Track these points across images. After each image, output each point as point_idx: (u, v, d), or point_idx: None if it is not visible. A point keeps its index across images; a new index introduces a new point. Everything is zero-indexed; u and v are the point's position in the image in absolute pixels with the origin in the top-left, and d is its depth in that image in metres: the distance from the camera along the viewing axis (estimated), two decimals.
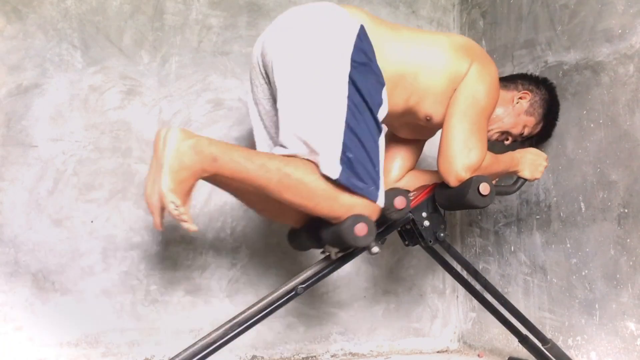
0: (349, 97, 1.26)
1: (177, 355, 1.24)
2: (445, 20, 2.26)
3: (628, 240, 1.52)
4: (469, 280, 1.63)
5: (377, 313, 2.08)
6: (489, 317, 1.64)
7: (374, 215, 1.30)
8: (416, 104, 1.45)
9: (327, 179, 1.24)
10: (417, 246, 1.57)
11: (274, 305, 1.33)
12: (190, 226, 1.18)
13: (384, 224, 1.41)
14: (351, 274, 2.06)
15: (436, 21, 2.25)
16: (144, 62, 1.88)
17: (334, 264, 1.41)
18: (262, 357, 1.92)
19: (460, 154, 1.40)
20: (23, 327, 1.70)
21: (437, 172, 1.50)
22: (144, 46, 1.88)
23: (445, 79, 1.43)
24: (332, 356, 2.00)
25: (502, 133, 1.68)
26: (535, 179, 1.60)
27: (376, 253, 1.32)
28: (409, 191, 1.65)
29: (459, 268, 1.64)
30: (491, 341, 2.01)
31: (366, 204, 1.27)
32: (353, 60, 1.27)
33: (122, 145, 1.83)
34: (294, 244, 1.53)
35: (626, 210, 1.53)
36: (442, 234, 1.50)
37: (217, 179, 1.25)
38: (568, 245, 1.71)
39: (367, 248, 1.31)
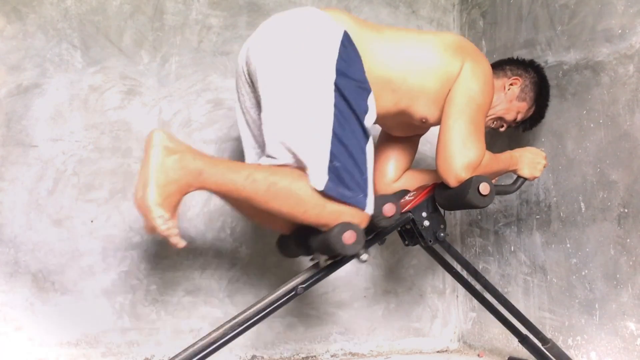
0: (335, 105, 1.25)
1: (177, 355, 1.24)
2: (445, 20, 2.26)
3: (628, 240, 1.52)
4: (469, 280, 1.63)
5: (377, 313, 2.08)
6: (489, 317, 1.64)
7: (363, 223, 1.29)
8: (408, 106, 1.45)
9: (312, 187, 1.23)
10: (417, 246, 1.57)
11: (274, 305, 1.33)
12: (179, 242, 1.17)
13: (374, 231, 1.40)
14: (351, 274, 2.06)
15: (436, 21, 2.25)
16: (144, 62, 1.88)
17: (327, 269, 1.40)
18: (262, 357, 1.92)
19: (459, 154, 1.40)
20: (23, 327, 1.70)
21: (436, 172, 1.50)
22: (144, 46, 1.88)
23: (437, 79, 1.42)
24: (332, 356, 2.00)
25: (496, 120, 1.68)
26: (535, 177, 1.59)
27: (365, 261, 1.31)
28: (408, 191, 1.65)
29: (459, 268, 1.64)
30: (491, 341, 2.01)
31: (354, 211, 1.26)
32: (338, 69, 1.26)
33: (122, 145, 1.83)
34: (283, 251, 1.51)
35: (626, 210, 1.53)
36: (442, 234, 1.50)
37: (204, 191, 1.24)
38: (568, 245, 1.71)
39: (355, 256, 1.30)
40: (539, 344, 1.56)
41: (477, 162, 1.41)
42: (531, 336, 1.57)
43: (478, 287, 1.60)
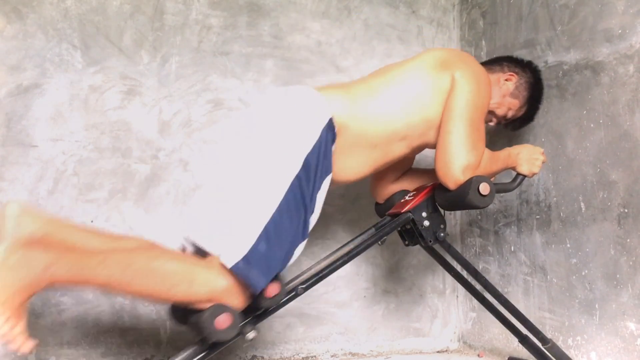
0: (286, 193, 1.23)
1: (177, 355, 1.24)
2: (445, 20, 2.26)
3: (628, 240, 1.52)
4: (469, 280, 1.63)
5: (377, 313, 2.08)
6: (489, 317, 1.64)
7: (241, 304, 1.21)
8: (421, 142, 1.50)
9: (177, 260, 1.19)
10: (417, 246, 1.57)
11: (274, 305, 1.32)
12: (24, 346, 1.05)
13: (256, 310, 1.29)
14: (351, 274, 2.06)
15: (436, 21, 2.25)
16: (144, 62, 1.88)
17: (334, 264, 1.40)
18: (262, 357, 1.92)
19: (457, 158, 1.40)
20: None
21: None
22: (144, 46, 1.88)
23: (436, 104, 1.45)
24: (332, 356, 2.00)
25: (487, 113, 1.68)
26: (534, 174, 1.59)
27: (252, 339, 1.22)
28: (408, 191, 1.65)
29: (459, 268, 1.64)
30: (491, 341, 2.01)
31: (235, 289, 1.19)
32: (306, 162, 1.26)
33: (122, 145, 1.83)
34: (177, 320, 1.35)
35: (626, 210, 1.52)
36: (442, 234, 1.50)
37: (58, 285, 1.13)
38: (568, 245, 1.71)
39: (240, 335, 1.21)
40: (539, 344, 1.56)
41: (476, 164, 1.42)
42: (531, 336, 1.57)
43: (478, 287, 1.60)
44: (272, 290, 1.24)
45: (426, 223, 1.50)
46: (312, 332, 1.99)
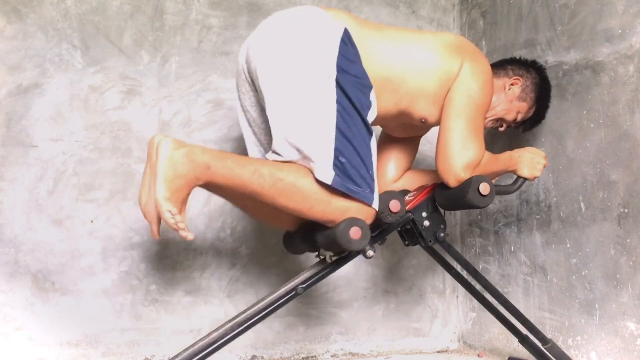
0: (337, 101, 1.26)
1: (177, 355, 1.24)
2: (445, 20, 2.26)
3: (628, 240, 1.52)
4: (469, 280, 1.63)
5: (377, 313, 2.08)
6: (489, 317, 1.64)
7: (369, 219, 1.30)
8: (408, 107, 1.45)
9: (321, 183, 1.24)
10: (417, 246, 1.56)
11: (274, 305, 1.33)
12: (187, 234, 1.19)
13: (379, 228, 1.41)
14: (351, 274, 2.06)
15: (436, 21, 2.25)
16: (144, 62, 1.88)
17: (332, 266, 1.41)
18: (262, 357, 1.92)
19: (459, 154, 1.40)
20: (23, 327, 1.70)
21: (436, 172, 1.50)
22: (144, 46, 1.88)
23: (436, 80, 1.43)
24: (332, 356, 2.00)
25: (496, 120, 1.68)
26: (535, 177, 1.59)
27: (371, 257, 1.32)
28: (408, 191, 1.65)
29: (459, 268, 1.64)
30: (491, 341, 2.01)
31: (360, 207, 1.27)
32: (338, 66, 1.27)
33: (122, 145, 1.83)
34: (289, 247, 1.53)
35: (626, 210, 1.52)
36: (442, 234, 1.50)
37: (211, 186, 1.25)
38: (568, 245, 1.71)
39: (361, 252, 1.31)
40: (539, 344, 1.56)
41: (477, 161, 1.41)
42: (531, 336, 1.57)
43: (478, 287, 1.60)
44: (395, 205, 1.34)
45: (426, 223, 1.50)
46: (312, 332, 1.99)
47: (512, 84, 1.65)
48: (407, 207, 1.50)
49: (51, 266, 1.74)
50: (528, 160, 1.58)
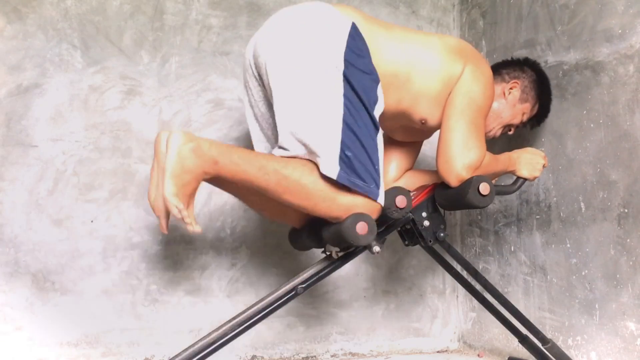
0: (344, 95, 1.26)
1: (177, 355, 1.24)
2: (445, 20, 2.26)
3: (628, 240, 1.52)
4: (469, 280, 1.63)
5: (377, 313, 2.08)
6: (489, 317, 1.64)
7: (375, 214, 1.30)
8: (409, 106, 1.45)
9: (327, 179, 1.25)
10: (417, 246, 1.56)
11: (274, 305, 1.33)
12: (195, 228, 1.19)
13: (385, 223, 1.41)
14: (351, 274, 2.06)
15: (436, 21, 2.25)
16: (144, 62, 1.88)
17: (334, 264, 1.41)
18: (262, 357, 1.92)
19: (460, 155, 1.40)
20: (23, 327, 1.70)
21: (436, 172, 1.50)
22: (144, 46, 1.88)
23: (439, 81, 1.43)
24: (332, 356, 2.00)
25: (504, 127, 1.68)
26: (535, 177, 1.59)
27: (378, 252, 1.32)
28: (409, 191, 1.65)
29: (459, 268, 1.64)
30: (491, 341, 2.01)
31: (366, 202, 1.28)
32: (346, 60, 1.27)
33: (122, 145, 1.83)
34: (295, 244, 1.53)
35: (626, 210, 1.52)
36: (442, 234, 1.50)
37: (217, 181, 1.26)
38: (568, 245, 1.71)
39: (368, 247, 1.31)
40: (539, 344, 1.56)
41: (478, 162, 1.42)
42: (531, 336, 1.57)
43: (478, 287, 1.60)
44: (401, 201, 1.35)
45: (426, 223, 1.50)
46: (312, 332, 1.99)
47: (511, 88, 1.64)
48: None
49: (51, 266, 1.74)
50: (527, 161, 1.59)
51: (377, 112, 1.32)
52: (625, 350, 1.52)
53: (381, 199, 1.30)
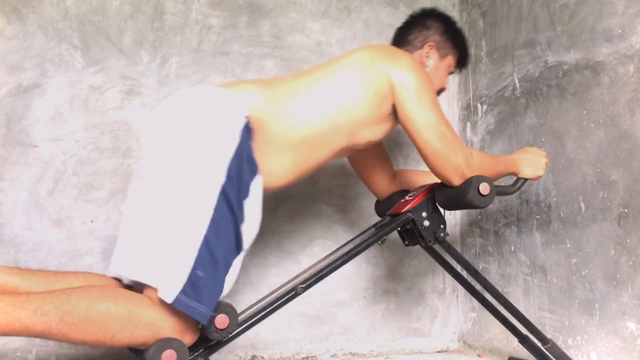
0: (215, 209, 1.15)
1: None
2: None
3: (628, 240, 1.52)
4: (469, 280, 1.63)
5: (377, 313, 2.08)
6: (489, 317, 1.64)
7: (189, 338, 1.15)
8: (350, 142, 1.41)
9: (120, 301, 1.11)
10: (417, 246, 1.57)
11: (274, 305, 1.33)
12: None
13: (206, 342, 1.22)
14: (351, 274, 2.06)
15: None
16: (144, 62, 1.88)
17: (334, 264, 1.41)
18: (262, 357, 1.92)
19: (451, 161, 1.40)
20: None
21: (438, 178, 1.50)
22: (144, 46, 1.88)
23: (369, 106, 1.37)
24: (332, 356, 2.00)
25: (439, 90, 1.63)
26: (539, 176, 1.59)
27: None
28: (408, 191, 1.65)
29: (459, 268, 1.64)
30: (491, 341, 2.01)
31: (181, 325, 1.13)
32: (229, 173, 1.18)
33: (122, 145, 1.83)
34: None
35: (626, 210, 1.52)
36: (442, 234, 1.50)
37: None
38: (568, 245, 1.71)
39: None
40: (539, 344, 1.56)
41: (470, 157, 1.42)
42: (531, 336, 1.57)
43: (478, 287, 1.60)
44: (222, 321, 1.18)
45: (426, 223, 1.50)
46: (312, 332, 1.99)
47: (427, 53, 1.59)
48: (407, 207, 1.50)
49: (51, 266, 1.73)
50: (530, 161, 1.58)
51: (246, 231, 1.22)
52: (625, 350, 1.52)
53: (205, 320, 1.14)
